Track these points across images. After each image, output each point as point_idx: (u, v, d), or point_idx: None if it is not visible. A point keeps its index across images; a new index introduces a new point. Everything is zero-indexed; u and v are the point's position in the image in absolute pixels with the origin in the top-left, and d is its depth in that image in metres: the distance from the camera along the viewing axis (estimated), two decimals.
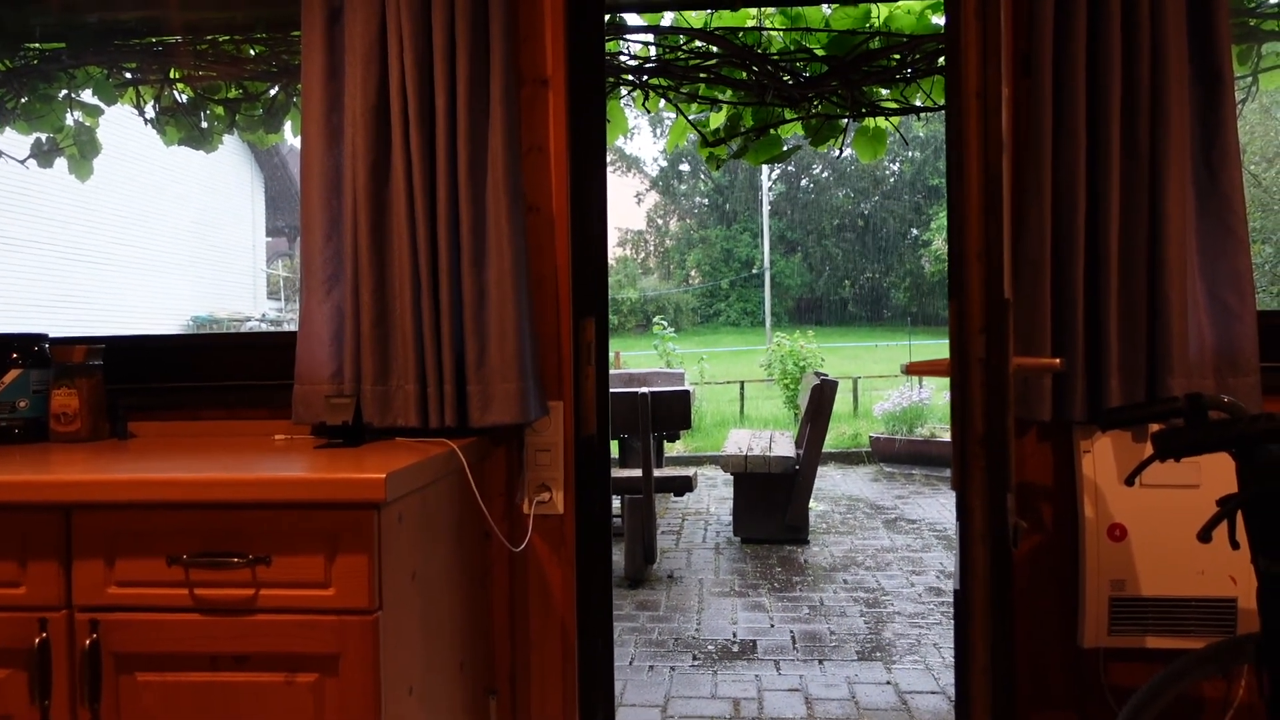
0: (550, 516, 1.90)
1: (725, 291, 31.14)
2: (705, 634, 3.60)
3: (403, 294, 1.75)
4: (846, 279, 32.57)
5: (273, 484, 1.33)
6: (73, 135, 3.18)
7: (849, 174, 32.63)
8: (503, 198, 1.76)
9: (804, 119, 2.96)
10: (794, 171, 31.76)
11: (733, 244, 31.41)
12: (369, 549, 1.32)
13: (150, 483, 1.33)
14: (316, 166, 1.81)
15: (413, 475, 1.43)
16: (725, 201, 32.91)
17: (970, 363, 1.16)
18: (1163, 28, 1.70)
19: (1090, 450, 1.76)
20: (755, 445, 5.41)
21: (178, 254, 13.68)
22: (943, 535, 5.32)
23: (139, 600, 1.35)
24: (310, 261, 1.81)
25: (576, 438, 1.94)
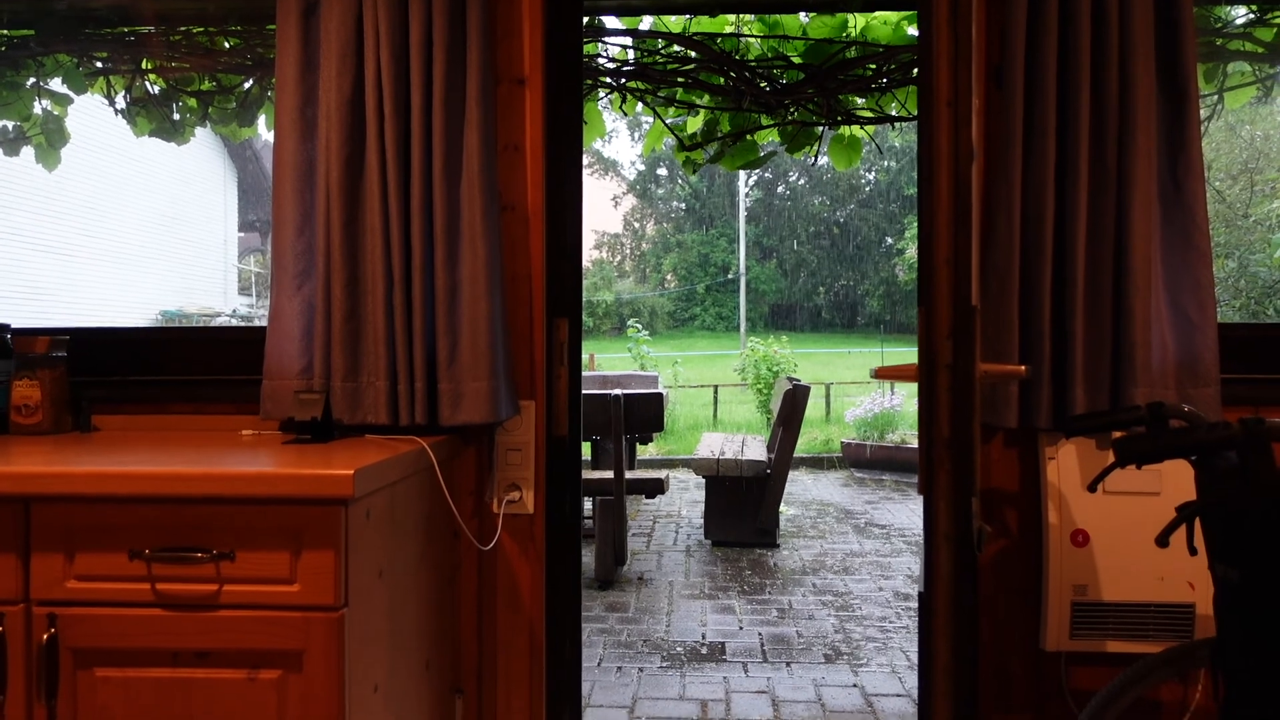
0: (520, 516, 1.90)
1: (701, 296, 31.24)
2: (674, 636, 3.60)
3: (375, 289, 1.74)
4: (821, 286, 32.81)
5: (238, 479, 1.31)
6: (40, 124, 3.13)
7: (825, 182, 32.89)
8: (477, 195, 1.76)
9: (780, 125, 2.98)
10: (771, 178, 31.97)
11: (709, 249, 31.55)
12: (336, 545, 1.31)
13: (112, 475, 1.31)
14: (289, 160, 1.79)
15: (381, 472, 1.42)
16: (702, 206, 33.04)
17: (937, 367, 1.17)
18: (1131, 45, 1.74)
19: (1055, 457, 1.79)
20: (728, 449, 5.43)
21: (147, 247, 13.49)
22: (911, 541, 5.36)
23: (99, 595, 1.33)
24: (281, 255, 1.80)
25: (548, 438, 1.94)
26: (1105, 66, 1.74)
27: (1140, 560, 1.74)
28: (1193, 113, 1.77)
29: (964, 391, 1.17)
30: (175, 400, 1.98)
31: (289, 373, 1.78)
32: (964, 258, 1.18)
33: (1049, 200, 1.75)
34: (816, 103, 2.95)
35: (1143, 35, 1.74)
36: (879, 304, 31.33)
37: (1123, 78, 1.74)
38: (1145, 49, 1.74)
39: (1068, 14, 1.75)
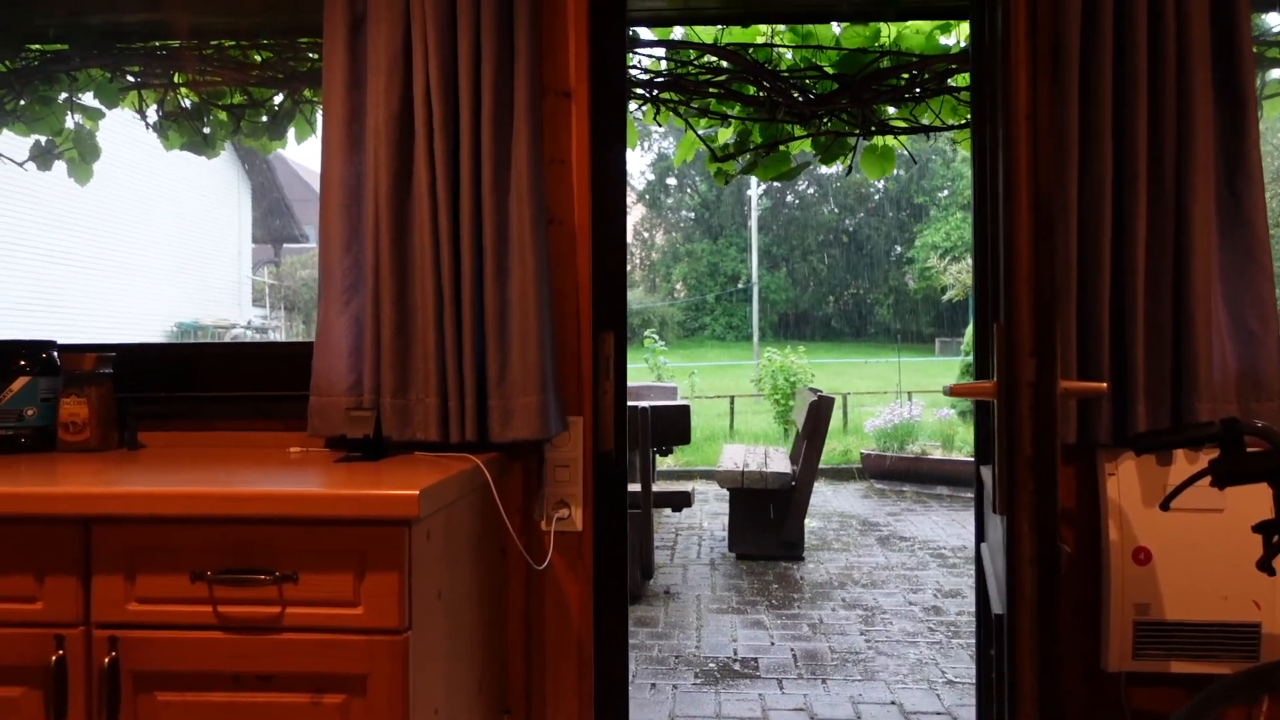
0: (569, 534, 1.88)
1: (710, 305, 31.21)
2: (706, 651, 3.58)
3: (425, 305, 1.73)
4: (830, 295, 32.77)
5: (302, 499, 1.30)
6: (72, 138, 3.14)
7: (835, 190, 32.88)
8: (526, 209, 1.74)
9: (813, 136, 2.97)
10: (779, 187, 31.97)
11: (719, 258, 31.53)
12: (400, 567, 1.29)
13: (175, 496, 1.30)
14: (336, 175, 1.79)
15: (442, 492, 1.40)
16: (711, 216, 33.05)
17: (1019, 385, 1.15)
18: (1188, 54, 1.72)
19: (1115, 473, 1.76)
20: (751, 461, 5.40)
21: (162, 259, 13.55)
22: (937, 553, 5.32)
23: (160, 617, 1.31)
24: (329, 271, 1.79)
25: (595, 453, 1.92)
26: (1162, 76, 1.72)
27: (1204, 579, 1.71)
28: (1251, 123, 1.75)
29: (1046, 410, 1.15)
30: (219, 416, 1.97)
31: (337, 389, 1.77)
32: (1045, 275, 1.16)
33: (1106, 211, 1.73)
34: (850, 113, 2.93)
35: (1200, 44, 1.72)
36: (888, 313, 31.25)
37: (1180, 87, 1.72)
38: (1202, 58, 1.72)
39: (1123, 23, 1.73)
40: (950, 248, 25.68)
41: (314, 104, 3.05)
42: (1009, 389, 1.17)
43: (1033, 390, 1.14)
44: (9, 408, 1.78)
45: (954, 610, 4.14)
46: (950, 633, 3.80)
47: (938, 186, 30.53)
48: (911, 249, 29.74)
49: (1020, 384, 1.15)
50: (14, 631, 1.32)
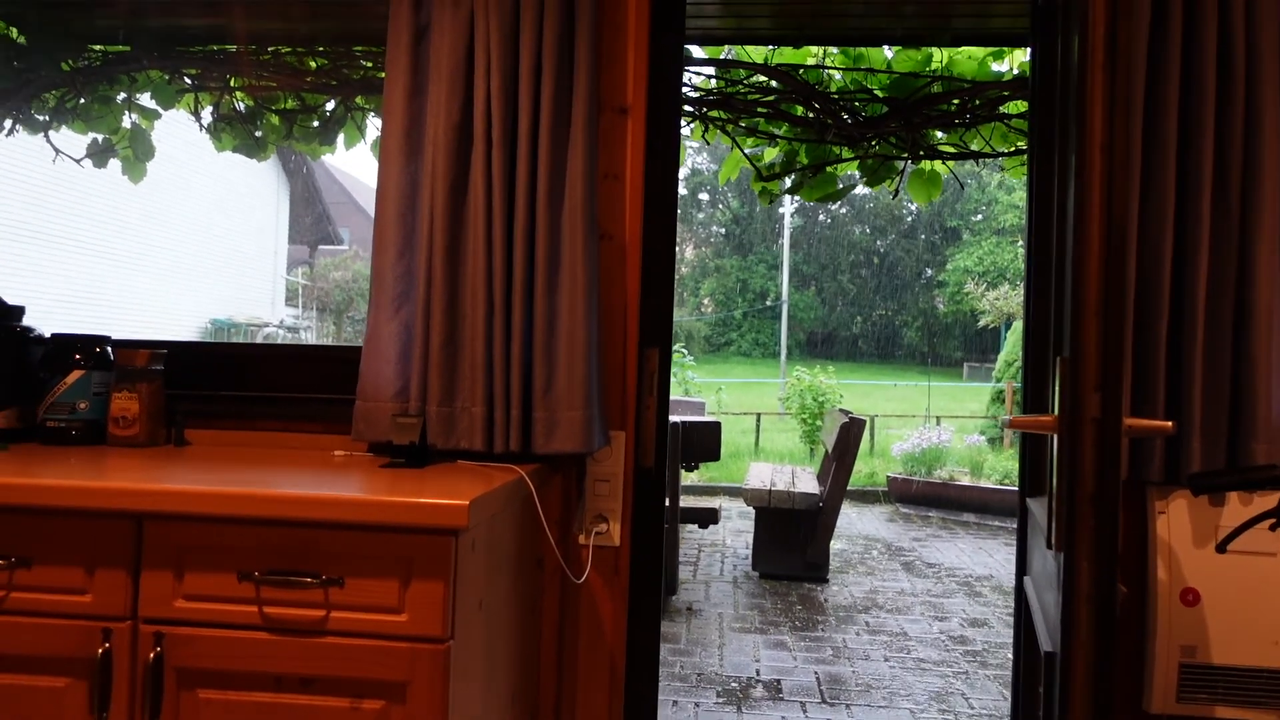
0: (605, 548, 1.87)
1: (738, 322, 31.17)
2: (728, 670, 3.54)
3: (475, 315, 1.73)
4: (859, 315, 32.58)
5: (351, 504, 1.30)
6: (128, 137, 3.20)
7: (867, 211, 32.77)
8: (579, 224, 1.75)
9: (861, 158, 2.96)
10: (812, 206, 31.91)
11: (748, 275, 31.49)
12: (445, 576, 1.29)
13: (226, 496, 1.31)
14: (393, 183, 1.80)
15: (489, 502, 1.40)
16: (743, 232, 33.04)
17: (1083, 421, 1.13)
18: (1258, 75, 1.68)
19: (1165, 512, 1.72)
20: (779, 480, 5.36)
21: (199, 257, 13.76)
22: (963, 581, 5.25)
23: (207, 615, 1.32)
24: (381, 278, 1.80)
25: (635, 469, 1.91)
26: (1231, 99, 1.69)
27: (1255, 622, 1.67)
28: None
29: (1111, 447, 1.13)
30: (263, 417, 1.98)
31: (384, 395, 1.77)
32: (1115, 309, 1.13)
33: (1167, 238, 1.69)
34: (899, 137, 2.92)
35: (1271, 65, 1.68)
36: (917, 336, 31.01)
37: (1249, 109, 1.69)
38: (1273, 79, 1.68)
39: (1191, 42, 1.70)
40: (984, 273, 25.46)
41: (365, 111, 3.08)
42: (1072, 424, 1.14)
43: (1097, 426, 1.12)
44: (62, 400, 1.81)
45: (980, 640, 4.07)
46: (976, 663, 3.74)
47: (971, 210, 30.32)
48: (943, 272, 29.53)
49: (1084, 420, 1.13)
50: (63, 623, 1.33)
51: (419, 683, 1.28)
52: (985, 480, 7.69)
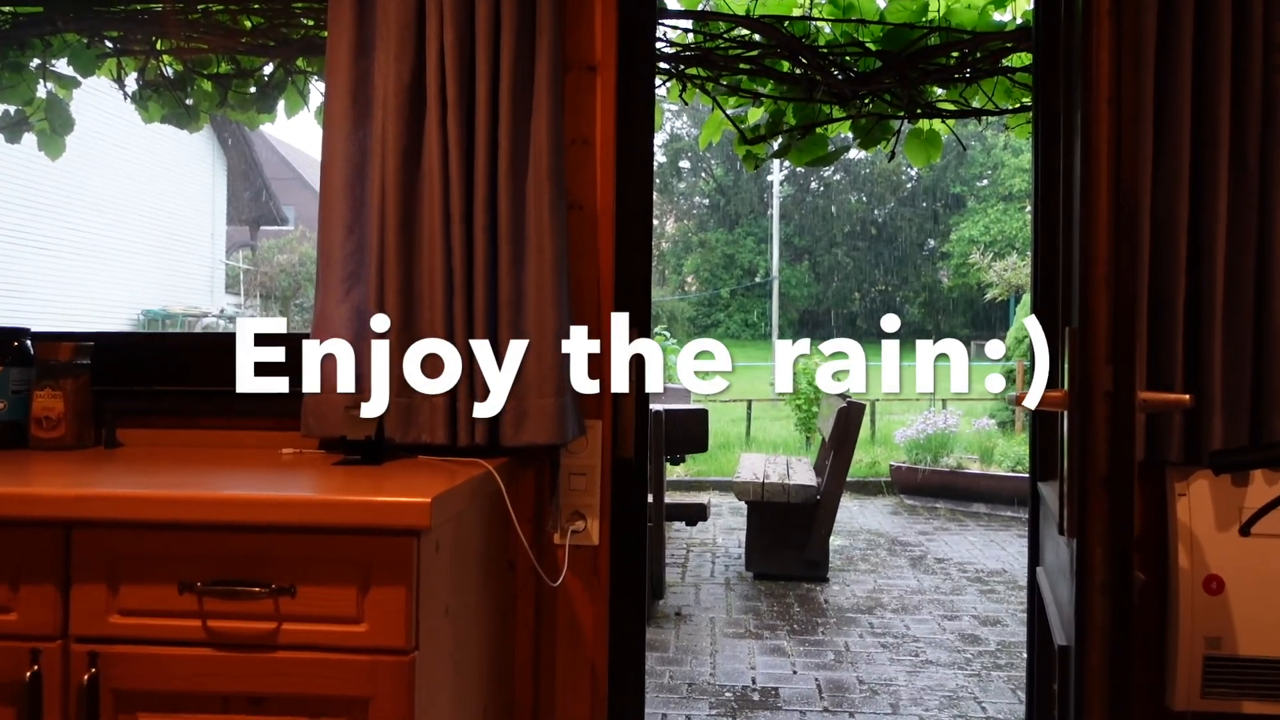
0: (584, 548, 1.88)
1: (725, 301, 31.20)
2: (721, 679, 3.57)
3: (433, 296, 1.73)
4: (856, 291, 32.72)
5: (301, 505, 1.30)
6: (44, 108, 3.15)
7: (863, 178, 32.83)
8: (545, 192, 1.74)
9: (853, 118, 2.97)
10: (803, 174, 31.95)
11: (734, 249, 31.50)
12: (407, 581, 1.29)
13: (163, 500, 1.30)
14: (339, 151, 1.79)
15: (453, 499, 1.40)
16: (728, 203, 33.00)
17: (1094, 396, 1.15)
18: (1276, 19, 1.70)
19: (1185, 494, 1.75)
20: (771, 471, 5.40)
21: (127, 241, 13.59)
22: (975, 577, 5.31)
23: (145, 631, 1.31)
24: (328, 257, 1.79)
25: (613, 461, 1.92)
26: (1248, 50, 1.70)
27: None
28: None
29: (1124, 423, 1.14)
30: (203, 414, 1.97)
31: (336, 385, 1.76)
32: (1126, 275, 1.15)
33: (1183, 201, 1.71)
34: (894, 94, 2.93)
35: None
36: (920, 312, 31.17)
37: (1267, 62, 1.70)
38: None
39: None
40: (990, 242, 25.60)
41: (307, 74, 3.05)
42: (1083, 399, 1.16)
43: (1109, 401, 1.14)
44: None
45: (994, 639, 4.13)
46: (990, 663, 3.79)
47: (976, 175, 30.47)
48: (946, 243, 29.67)
49: (1095, 394, 1.15)
50: None
51: (381, 698, 1.29)
52: (996, 467, 7.77)
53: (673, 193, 34.53)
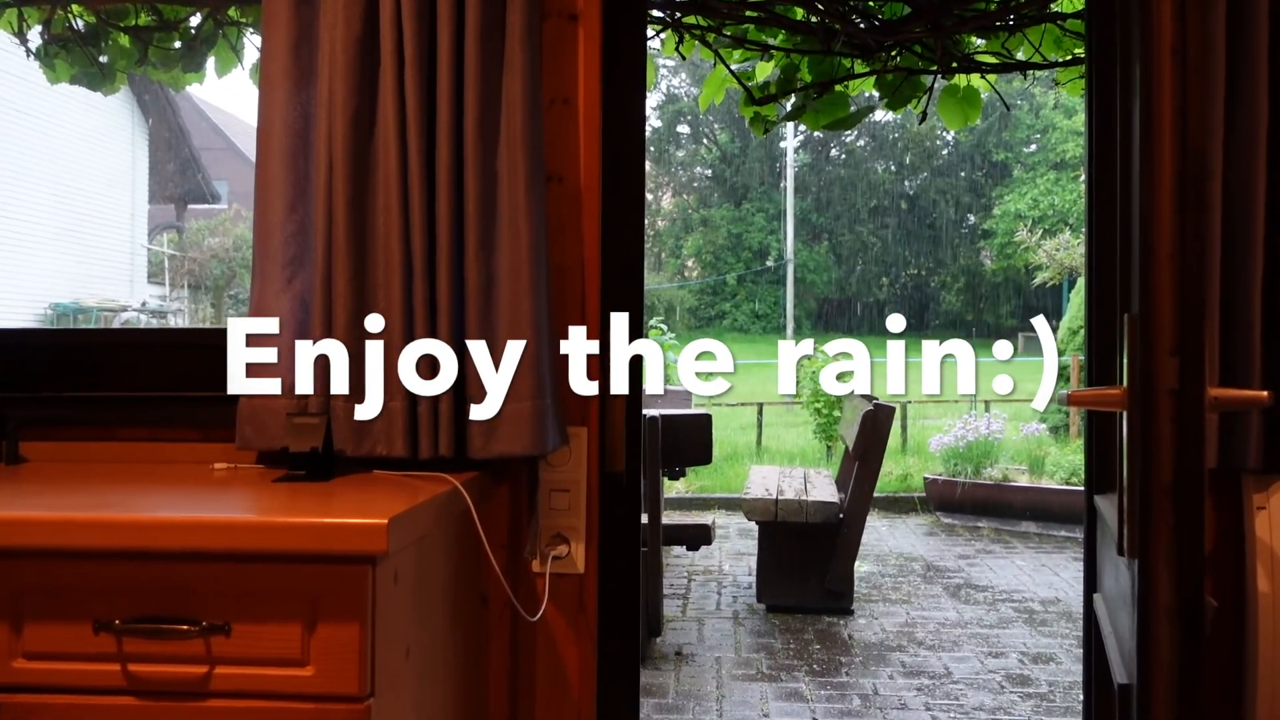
0: (567, 576, 1.89)
1: (731, 288, 31.24)
2: None
3: (389, 283, 1.73)
4: (884, 276, 32.81)
5: (236, 529, 1.31)
6: None
7: (891, 143, 32.90)
8: (520, 162, 1.75)
9: (878, 73, 2.98)
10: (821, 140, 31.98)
11: (742, 228, 31.54)
12: (361, 616, 1.30)
13: (75, 523, 1.30)
14: (278, 117, 1.79)
15: (414, 521, 1.41)
16: (734, 174, 33.05)
17: (1156, 393, 1.16)
18: None
19: (1266, 506, 1.76)
20: (787, 487, 5.42)
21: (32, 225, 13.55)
22: (1023, 607, 5.34)
23: (56, 678, 1.31)
24: (267, 238, 1.79)
25: (601, 475, 1.93)
26: None
27: None
28: None
29: (1192, 424, 1.15)
30: (122, 423, 1.97)
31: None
32: (1193, 252, 1.16)
33: (1259, 167, 1.72)
34: (926, 44, 2.94)
35: None
36: (959, 300, 31.28)
37: None
38: None
39: None
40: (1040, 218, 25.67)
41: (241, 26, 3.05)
42: (1144, 397, 1.17)
43: (1175, 399, 1.15)
44: None
45: (1045, 679, 4.15)
46: (1041, 708, 3.82)
47: (1023, 139, 30.58)
48: (989, 219, 29.77)
49: (1159, 391, 1.15)
50: None
51: None
52: (1048, 479, 7.81)
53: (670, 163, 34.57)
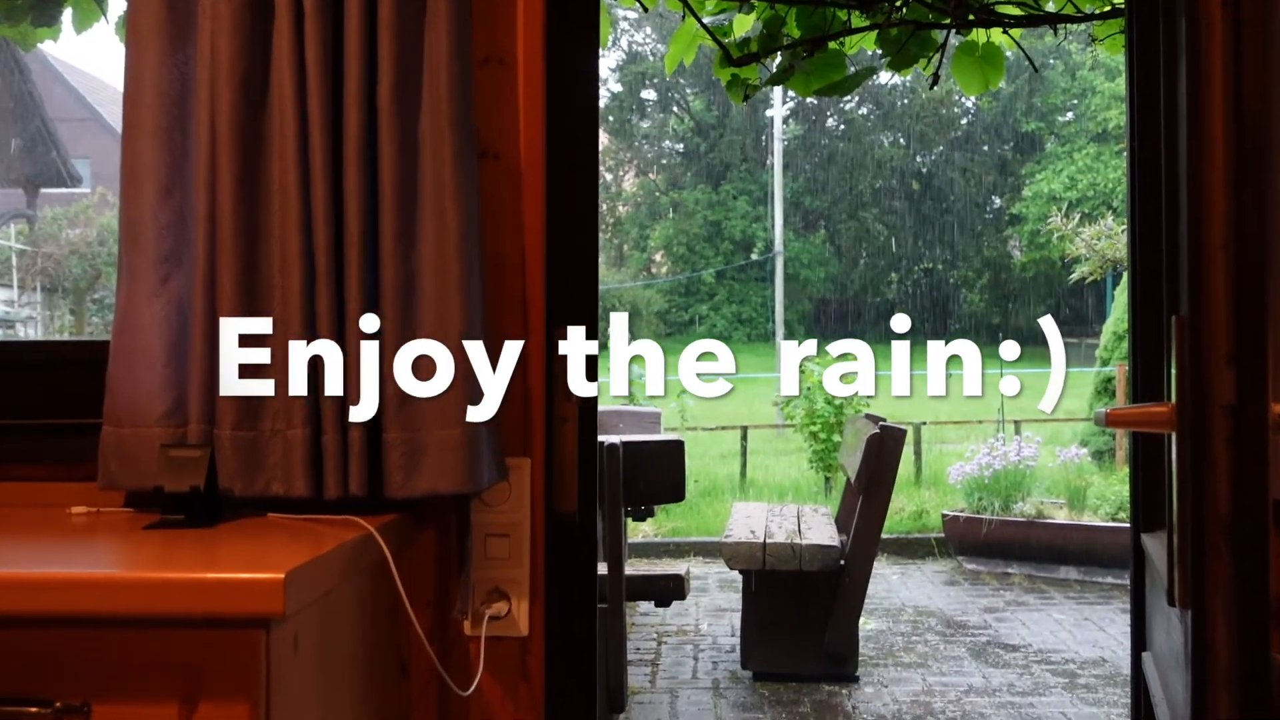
0: (507, 640, 1.89)
1: (709, 287, 31.39)
2: None
3: (286, 283, 1.73)
4: (893, 271, 33.07)
5: (99, 587, 1.30)
6: None
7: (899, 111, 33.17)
8: (446, 135, 1.75)
9: (881, 28, 3.00)
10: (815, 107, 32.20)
11: (721, 214, 31.70)
12: (252, 692, 1.29)
13: None
14: (150, 81, 1.78)
15: (318, 574, 1.40)
16: (711, 149, 33.21)
17: (1210, 410, 1.18)
18: None
19: None
20: (777, 528, 5.44)
21: None
22: (1062, 670, 5.39)
23: None
24: (137, 230, 1.78)
25: (548, 515, 1.93)
26: None
27: None
28: None
29: (1254, 446, 1.17)
30: None
31: (147, 415, 1.76)
32: (1251, 238, 1.19)
33: None
34: None
35: None
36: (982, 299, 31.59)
37: None
38: None
39: None
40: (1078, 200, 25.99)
41: None
42: (1195, 415, 1.19)
43: (1232, 416, 1.17)
44: None
45: None
46: None
47: (1057, 106, 30.98)
48: (1018, 202, 30.12)
49: (1212, 407, 1.18)
50: None
51: None
52: (1091, 515, 7.88)
53: (632, 135, 34.70)
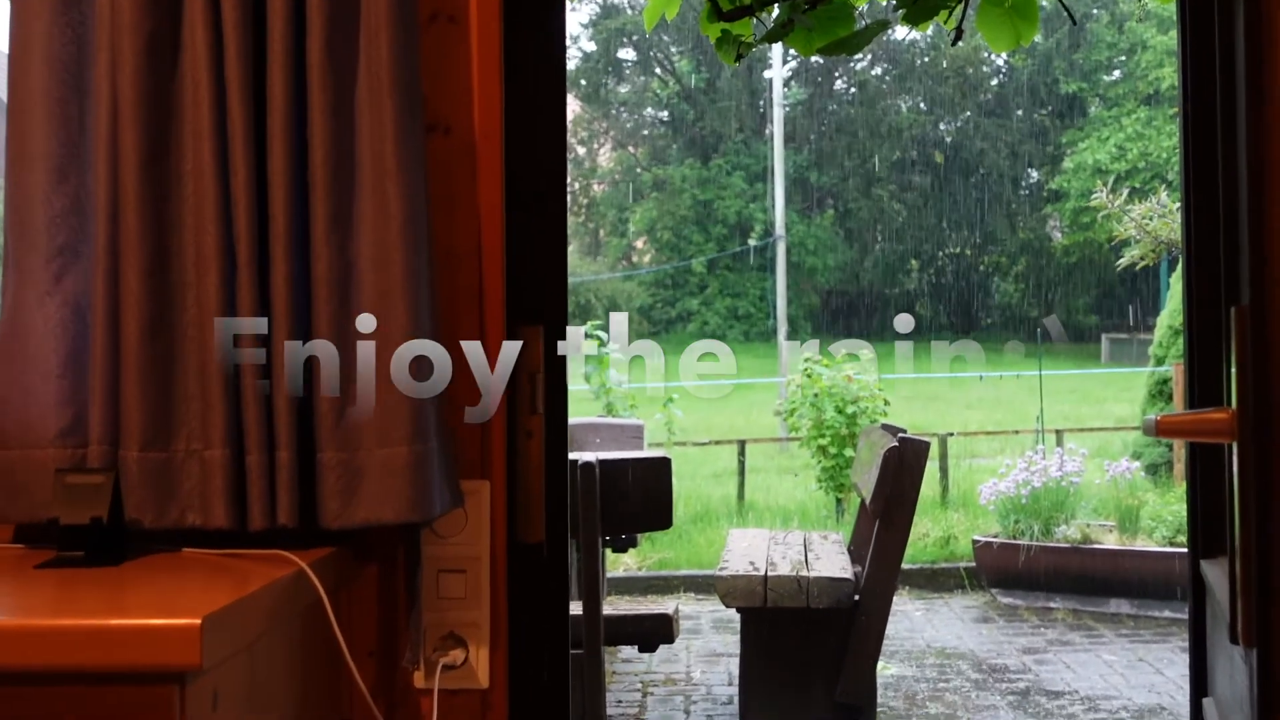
0: (464, 693, 1.89)
1: (699, 278, 31.41)
2: None
3: (202, 278, 1.74)
4: (913, 257, 33.11)
5: None
6: None
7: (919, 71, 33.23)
8: (387, 105, 1.76)
9: None
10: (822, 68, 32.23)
11: (713, 193, 31.72)
12: None
13: None
14: (38, 43, 1.79)
15: (242, 619, 1.41)
16: (700, 119, 33.23)
17: (1275, 415, 1.18)
18: None
19: None
20: (780, 558, 5.45)
21: None
22: None
23: None
24: (24, 220, 1.79)
25: (510, 547, 1.93)
26: None
27: None
28: None
29: None
30: None
31: (40, 436, 1.76)
32: None
33: None
34: None
35: None
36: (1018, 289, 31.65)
37: None
38: None
39: None
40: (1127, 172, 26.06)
41: None
42: (1259, 421, 1.20)
43: None
44: None
45: None
46: None
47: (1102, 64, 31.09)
48: (1058, 175, 30.20)
49: (1278, 412, 1.18)
50: None
51: None
52: (1145, 539, 7.89)
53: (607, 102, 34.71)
